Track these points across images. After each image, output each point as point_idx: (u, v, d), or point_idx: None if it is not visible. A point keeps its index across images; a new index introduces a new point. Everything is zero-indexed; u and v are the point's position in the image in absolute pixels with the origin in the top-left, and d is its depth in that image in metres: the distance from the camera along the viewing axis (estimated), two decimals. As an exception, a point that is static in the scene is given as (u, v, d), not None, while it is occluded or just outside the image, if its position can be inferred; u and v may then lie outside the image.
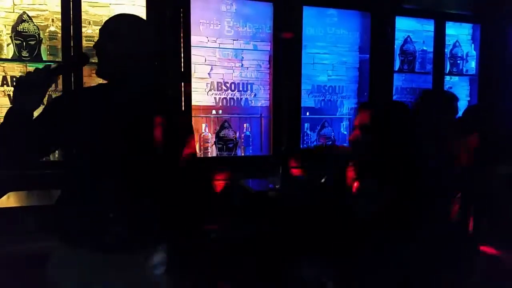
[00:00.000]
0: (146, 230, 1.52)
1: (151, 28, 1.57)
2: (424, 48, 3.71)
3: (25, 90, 1.34)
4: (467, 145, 2.26)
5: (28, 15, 2.69)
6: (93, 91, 1.64)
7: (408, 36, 3.67)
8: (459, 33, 3.92)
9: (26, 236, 2.16)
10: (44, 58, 2.72)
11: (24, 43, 2.67)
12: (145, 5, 2.78)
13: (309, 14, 3.26)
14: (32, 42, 2.68)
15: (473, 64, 3.87)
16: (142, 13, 2.84)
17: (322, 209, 1.60)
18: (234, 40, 3.22)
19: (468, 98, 3.95)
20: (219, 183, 2.90)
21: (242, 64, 3.27)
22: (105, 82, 1.55)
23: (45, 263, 1.54)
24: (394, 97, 3.58)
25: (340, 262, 1.57)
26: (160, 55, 1.61)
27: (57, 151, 2.73)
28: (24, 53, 2.67)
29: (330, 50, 3.51)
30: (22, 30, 2.66)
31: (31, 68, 2.77)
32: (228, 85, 3.24)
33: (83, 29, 2.67)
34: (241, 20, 3.22)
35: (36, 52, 2.69)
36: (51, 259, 1.53)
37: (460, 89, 3.91)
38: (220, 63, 3.21)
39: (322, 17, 3.45)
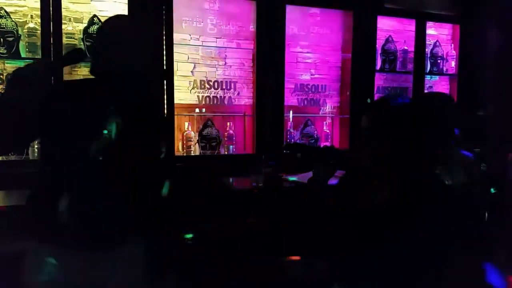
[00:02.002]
0: (125, 228, 1.53)
1: (142, 28, 1.60)
2: (405, 47, 3.75)
3: (18, 84, 1.34)
4: None
5: (5, 11, 2.62)
6: (81, 85, 1.65)
7: (390, 36, 3.71)
8: (439, 33, 3.98)
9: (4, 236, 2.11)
10: (23, 55, 2.66)
11: (2, 40, 2.60)
12: (126, 2, 2.74)
13: (292, 13, 3.27)
14: (10, 39, 2.62)
15: (453, 63, 3.94)
16: (124, 10, 2.80)
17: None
18: (217, 38, 3.21)
19: (448, 97, 4.01)
20: (202, 182, 2.88)
21: (225, 62, 3.26)
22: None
23: (22, 263, 1.52)
24: (376, 96, 3.62)
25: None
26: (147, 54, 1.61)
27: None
28: (2, 50, 2.61)
29: (313, 49, 3.53)
30: (-1, 26, 2.60)
31: (8, 65, 2.71)
32: (211, 83, 3.22)
33: (63, 26, 2.62)
34: (224, 18, 3.21)
35: (14, 49, 2.63)
36: (32, 260, 1.51)
37: (441, 88, 3.98)
38: (203, 61, 3.20)
39: (305, 16, 3.46)
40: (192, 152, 3.13)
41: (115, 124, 1.49)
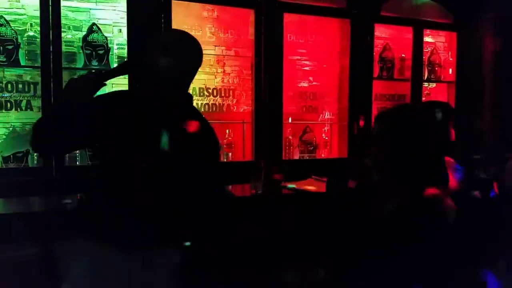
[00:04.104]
0: (171, 229, 1.58)
1: (198, 45, 1.67)
2: (403, 55, 3.78)
3: (72, 92, 1.43)
4: None
5: (5, 19, 2.64)
6: (135, 95, 1.70)
7: (387, 43, 3.73)
8: (436, 41, 4.01)
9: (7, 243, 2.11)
10: (22, 63, 2.67)
11: (1, 48, 2.61)
12: (125, 10, 2.76)
13: (290, 21, 3.29)
14: (10, 47, 2.63)
15: (450, 70, 3.96)
16: (123, 18, 2.83)
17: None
18: (216, 46, 3.23)
19: (446, 104, 4.02)
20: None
21: (224, 70, 3.27)
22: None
23: (35, 267, 1.55)
24: (374, 104, 3.63)
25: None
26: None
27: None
28: (1, 58, 2.62)
29: (311, 57, 3.55)
30: (-1, 34, 2.62)
31: (8, 73, 2.72)
32: (210, 91, 3.23)
33: (63, 34, 2.64)
34: (222, 27, 3.23)
35: (14, 57, 2.64)
36: (78, 258, 1.56)
37: (438, 96, 4.00)
38: (201, 69, 3.18)
39: (303, 24, 3.49)
40: (191, 159, 3.12)
41: (163, 131, 1.53)
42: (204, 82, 3.21)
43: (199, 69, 3.19)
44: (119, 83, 2.73)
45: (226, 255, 2.52)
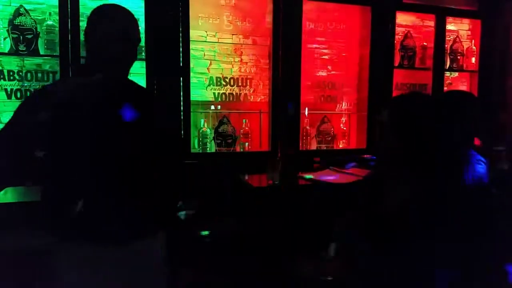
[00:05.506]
0: (133, 223, 1.52)
1: (129, 17, 1.60)
2: (424, 43, 3.69)
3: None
4: None
5: (25, 9, 2.65)
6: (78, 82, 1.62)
7: (408, 31, 3.65)
8: (459, 29, 3.90)
9: (25, 232, 2.14)
10: (42, 52, 2.69)
11: (21, 37, 2.64)
12: (143, -2, 2.75)
13: (309, 8, 3.24)
14: (29, 36, 2.65)
15: (473, 59, 3.86)
16: (141, 7, 2.81)
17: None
18: (233, 34, 3.20)
19: (468, 94, 3.92)
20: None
21: (241, 59, 3.24)
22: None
23: (43, 258, 1.53)
24: (394, 93, 3.56)
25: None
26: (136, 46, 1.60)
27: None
28: (21, 47, 2.64)
29: (330, 45, 3.49)
30: (19, 23, 2.63)
31: (28, 62, 2.74)
32: (227, 80, 3.21)
33: (81, 23, 2.64)
34: (240, 15, 3.19)
35: (33, 46, 2.66)
36: (52, 255, 1.52)
37: (460, 85, 3.90)
38: (219, 58, 3.19)
39: (322, 12, 3.42)
40: (208, 149, 3.13)
41: (114, 119, 1.48)
42: (221, 71, 3.19)
43: (217, 58, 3.22)
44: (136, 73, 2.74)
45: (240, 245, 2.52)
